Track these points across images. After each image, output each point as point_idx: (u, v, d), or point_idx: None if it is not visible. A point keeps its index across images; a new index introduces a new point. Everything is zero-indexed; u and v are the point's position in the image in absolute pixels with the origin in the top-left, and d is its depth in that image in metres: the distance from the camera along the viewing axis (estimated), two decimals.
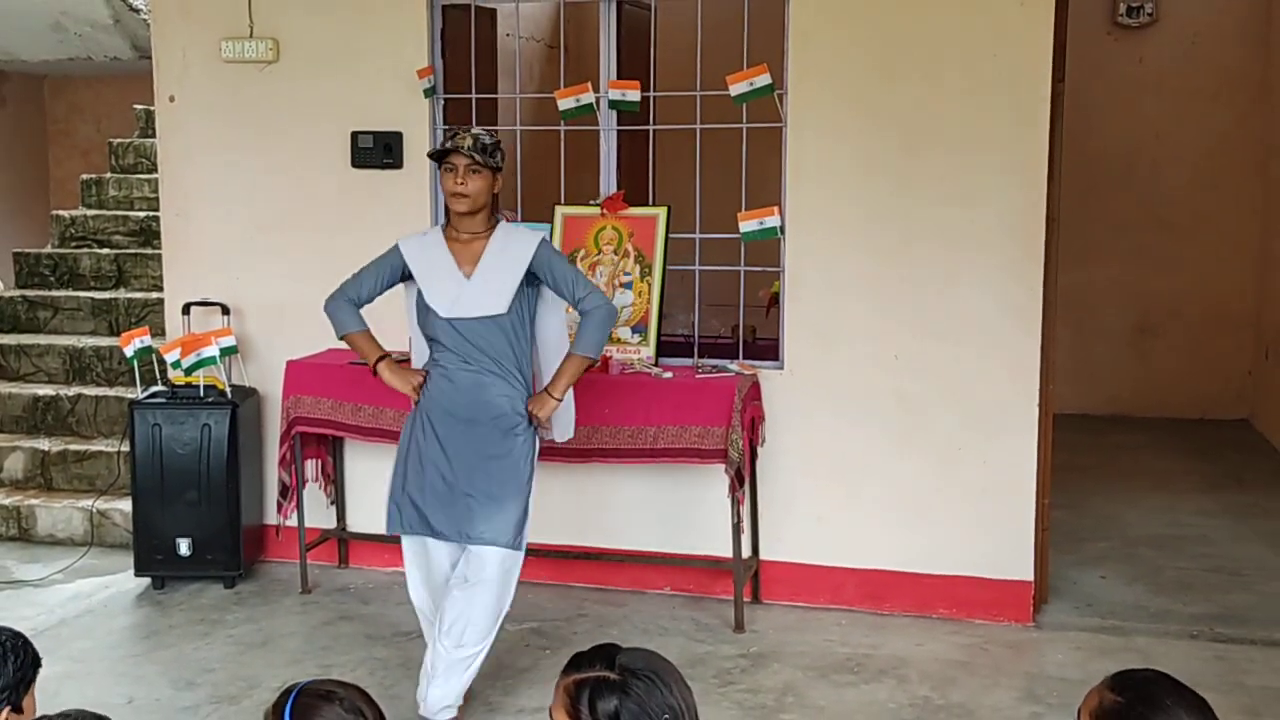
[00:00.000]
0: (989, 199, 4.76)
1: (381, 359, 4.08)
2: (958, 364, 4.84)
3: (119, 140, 8.38)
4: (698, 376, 4.87)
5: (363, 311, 4.14)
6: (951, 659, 4.54)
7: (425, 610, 4.14)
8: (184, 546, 5.28)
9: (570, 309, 4.08)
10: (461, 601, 3.94)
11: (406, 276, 4.07)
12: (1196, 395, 8.29)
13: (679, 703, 1.86)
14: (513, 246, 3.96)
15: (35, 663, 2.30)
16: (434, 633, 4.05)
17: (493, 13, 5.96)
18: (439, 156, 3.95)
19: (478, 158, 3.87)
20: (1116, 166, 8.28)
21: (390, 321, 4.44)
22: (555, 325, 4.12)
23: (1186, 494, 6.61)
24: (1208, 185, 8.22)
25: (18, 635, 2.34)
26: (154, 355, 5.52)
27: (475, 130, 3.97)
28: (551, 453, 4.72)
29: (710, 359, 5.08)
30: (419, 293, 4.00)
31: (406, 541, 4.11)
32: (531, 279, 3.98)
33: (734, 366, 4.98)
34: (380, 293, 4.11)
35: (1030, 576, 4.85)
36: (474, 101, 5.35)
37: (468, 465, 3.93)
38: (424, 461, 3.98)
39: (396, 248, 4.06)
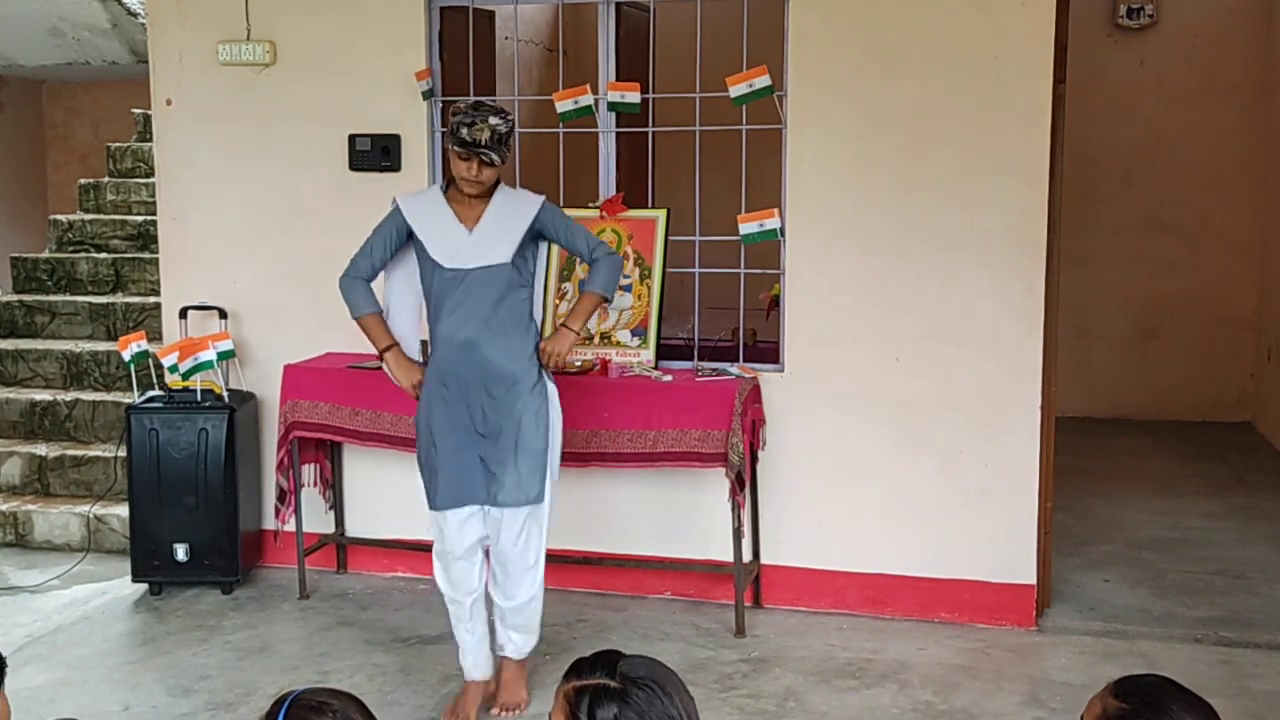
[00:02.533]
0: (990, 201, 4.74)
1: (390, 348, 4.11)
2: (959, 366, 4.82)
3: (117, 145, 8.37)
4: (698, 379, 4.84)
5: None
6: (954, 663, 4.52)
7: (446, 587, 4.16)
8: (181, 552, 5.25)
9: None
10: (502, 566, 4.07)
11: (410, 238, 4.09)
12: (1199, 398, 8.27)
13: (680, 713, 1.82)
14: (516, 204, 4.06)
15: None
16: (466, 607, 4.12)
17: (491, 15, 5.95)
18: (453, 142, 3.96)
19: (494, 157, 3.89)
20: (1117, 168, 8.26)
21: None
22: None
23: (1189, 497, 6.58)
24: (1209, 187, 8.20)
25: None
26: (151, 360, 5.50)
27: (493, 120, 3.91)
28: None
29: (710, 362, 5.06)
30: (420, 247, 4.02)
31: (438, 519, 4.10)
32: (534, 238, 4.05)
33: (734, 369, 4.95)
34: (391, 257, 4.13)
35: (1033, 580, 4.82)
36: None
37: (475, 427, 3.98)
38: (435, 430, 4.01)
39: (397, 208, 4.10)
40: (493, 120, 3.90)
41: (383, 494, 5.40)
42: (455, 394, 3.99)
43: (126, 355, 5.34)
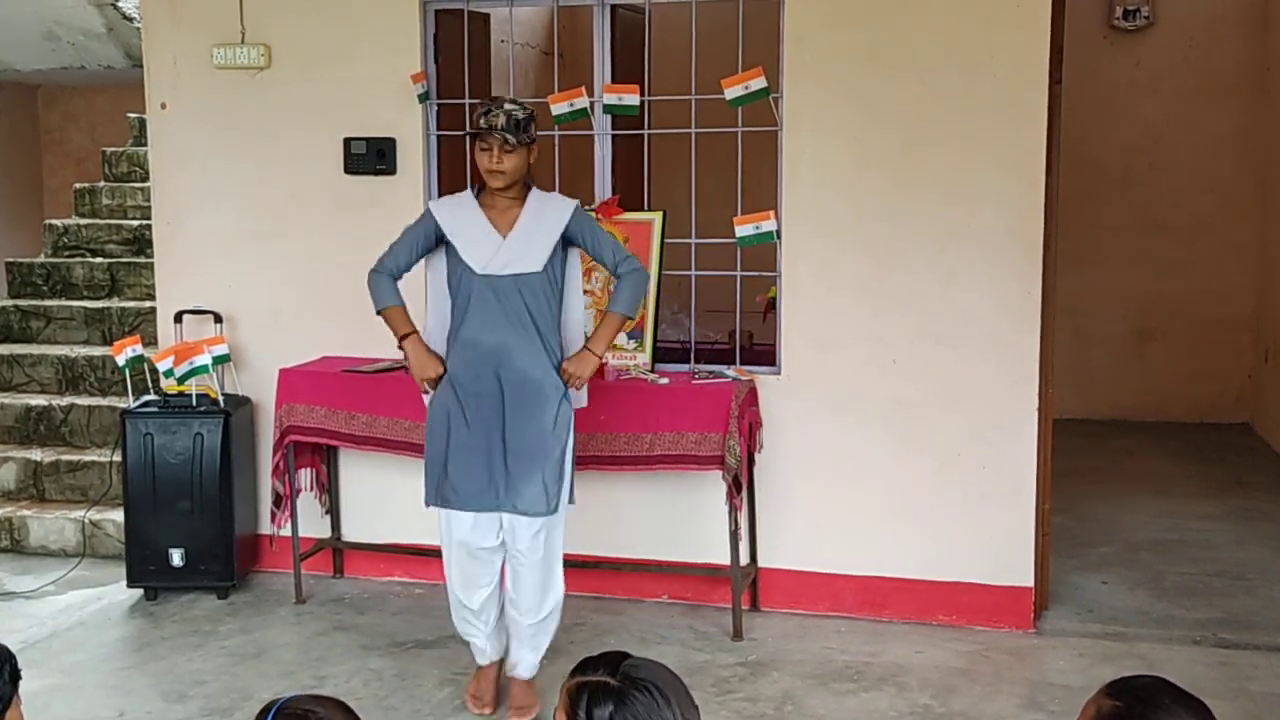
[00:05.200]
0: (987, 202, 4.73)
1: (409, 335, 4.08)
2: (956, 368, 4.80)
3: (112, 149, 8.35)
4: (694, 382, 4.83)
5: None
6: (952, 666, 4.50)
7: (458, 592, 4.11)
8: (177, 557, 5.23)
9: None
10: (519, 574, 4.03)
11: (440, 242, 4.07)
12: (1196, 399, 8.26)
13: (677, 719, 1.81)
14: (548, 211, 4.03)
15: (14, 677, 2.20)
16: (475, 609, 4.09)
17: (486, 17, 5.93)
18: (473, 135, 3.95)
19: (511, 138, 3.87)
20: (1114, 169, 8.26)
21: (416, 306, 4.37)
22: (577, 306, 4.18)
23: (1188, 498, 6.57)
24: (1206, 188, 8.20)
25: None
26: (146, 364, 5.48)
27: (508, 106, 3.93)
28: None
29: (707, 365, 5.05)
30: (450, 251, 4.00)
31: (442, 517, 4.06)
32: (564, 245, 4.04)
33: (731, 372, 4.94)
34: (418, 259, 4.12)
35: (1031, 582, 4.81)
36: (468, 107, 5.31)
37: (499, 432, 3.94)
38: (453, 432, 3.98)
39: (429, 212, 4.10)
40: (508, 106, 3.92)
41: (379, 498, 5.38)
42: (479, 397, 3.96)
43: (121, 360, 5.33)
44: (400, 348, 4.16)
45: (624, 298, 4.05)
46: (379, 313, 4.14)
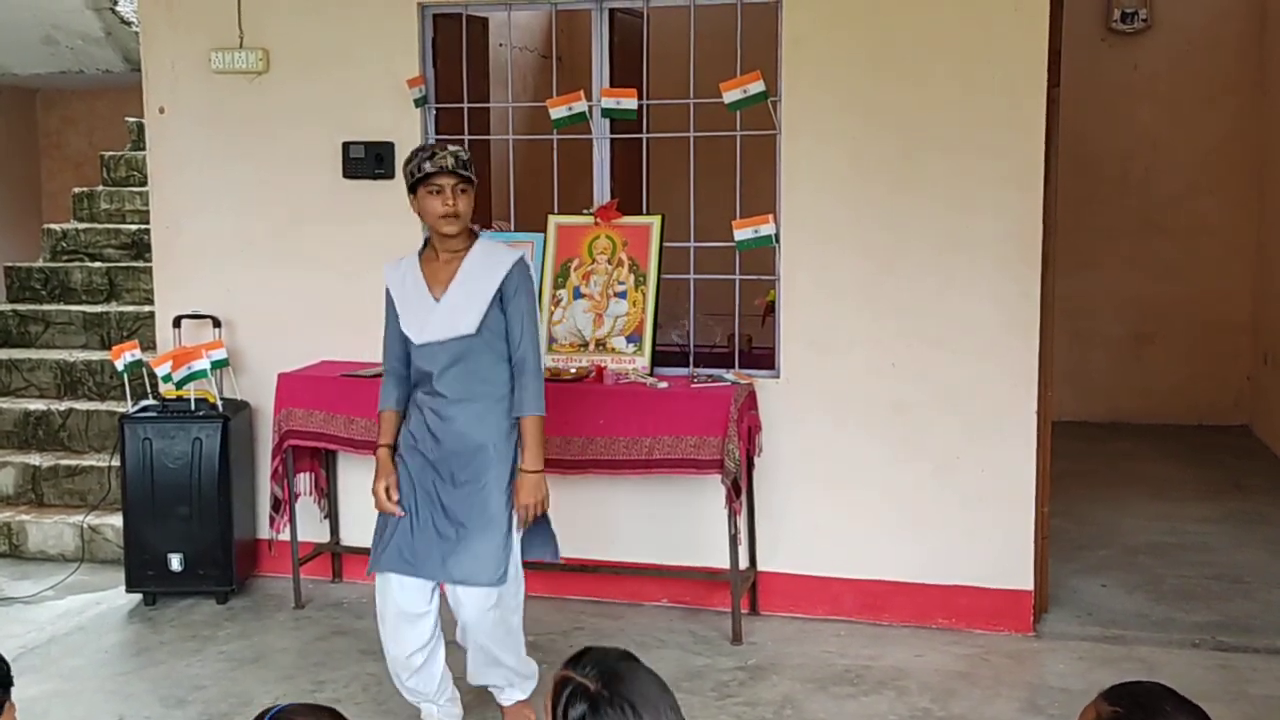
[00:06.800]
0: (985, 205, 4.73)
1: (384, 445, 3.88)
2: (955, 371, 4.80)
3: (111, 153, 8.35)
4: (693, 386, 4.83)
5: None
6: (952, 670, 4.50)
7: (397, 661, 3.90)
8: (175, 562, 5.23)
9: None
10: (474, 643, 3.88)
11: None
12: (1195, 402, 8.26)
13: None
14: (488, 266, 3.80)
15: (5, 683, 2.19)
16: (415, 669, 3.89)
17: (484, 21, 5.93)
18: (422, 177, 3.74)
19: (465, 173, 3.74)
20: (1112, 172, 8.26)
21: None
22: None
23: (1186, 501, 6.57)
24: (1204, 191, 8.21)
25: None
26: (145, 369, 5.48)
27: (451, 147, 3.80)
28: (547, 465, 4.65)
29: (706, 368, 5.05)
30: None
31: (380, 582, 3.87)
32: (497, 301, 3.81)
33: (730, 376, 4.94)
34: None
35: (1030, 586, 4.81)
36: (466, 111, 5.32)
37: (438, 497, 3.79)
38: (402, 494, 3.82)
39: (386, 287, 3.91)
40: (451, 148, 3.79)
41: None
42: (419, 463, 3.80)
43: (120, 364, 5.33)
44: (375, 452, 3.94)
45: (531, 397, 3.78)
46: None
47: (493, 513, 3.79)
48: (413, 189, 3.79)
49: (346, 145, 5.34)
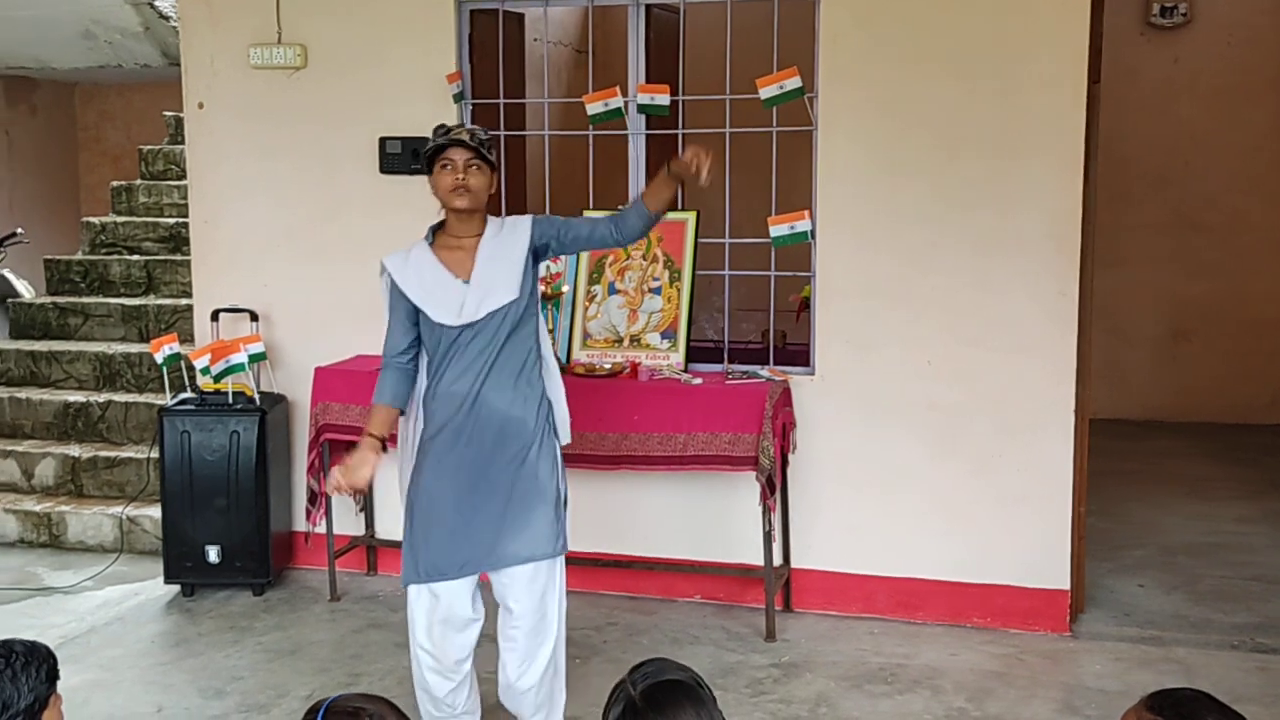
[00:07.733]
0: (1024, 202, 4.69)
1: (370, 436, 3.69)
2: (992, 369, 4.78)
3: (149, 147, 8.42)
4: (728, 383, 4.82)
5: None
6: (987, 669, 4.48)
7: (441, 670, 3.73)
8: (213, 554, 5.27)
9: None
10: (516, 635, 3.69)
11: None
12: (1233, 400, 8.18)
13: None
14: (506, 230, 3.71)
15: (52, 677, 2.20)
16: (456, 684, 3.77)
17: (520, 17, 5.94)
18: (435, 153, 3.62)
19: (481, 149, 3.62)
20: (1151, 169, 8.18)
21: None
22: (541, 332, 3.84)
23: (1224, 501, 6.51)
24: (1244, 187, 8.11)
25: (32, 649, 2.21)
26: (183, 362, 5.52)
27: (469, 126, 3.76)
28: (581, 460, 4.70)
29: (740, 365, 5.04)
30: (422, 315, 3.67)
31: (415, 594, 3.69)
32: (534, 259, 3.70)
33: (764, 372, 4.93)
34: (414, 328, 3.72)
35: (1067, 585, 4.78)
36: (502, 106, 5.33)
37: (483, 480, 3.64)
38: (433, 494, 3.66)
39: (388, 275, 3.71)
40: (469, 126, 3.72)
41: None
42: (457, 452, 3.63)
43: (159, 357, 5.37)
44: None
45: (634, 210, 3.73)
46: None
47: (543, 481, 3.67)
48: (429, 168, 3.69)
49: (383, 140, 5.36)
